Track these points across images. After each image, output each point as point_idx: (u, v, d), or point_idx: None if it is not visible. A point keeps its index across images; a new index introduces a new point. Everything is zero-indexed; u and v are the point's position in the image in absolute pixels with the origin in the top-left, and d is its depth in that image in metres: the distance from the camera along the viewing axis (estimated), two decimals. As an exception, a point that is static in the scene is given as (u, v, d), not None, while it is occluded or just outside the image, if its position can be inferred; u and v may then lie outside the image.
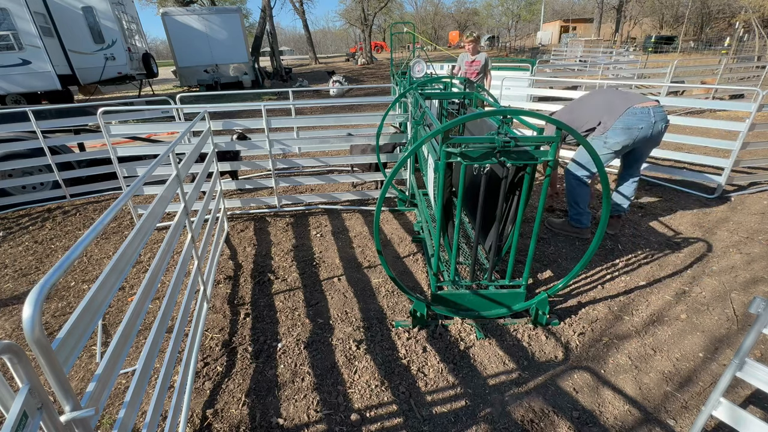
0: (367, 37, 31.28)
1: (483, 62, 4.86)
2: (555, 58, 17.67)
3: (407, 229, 3.48)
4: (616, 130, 2.73)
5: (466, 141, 1.80)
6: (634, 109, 2.70)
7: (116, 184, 4.46)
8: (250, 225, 3.65)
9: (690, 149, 5.11)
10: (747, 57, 14.93)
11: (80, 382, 2.00)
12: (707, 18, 33.63)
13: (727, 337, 2.16)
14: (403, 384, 1.92)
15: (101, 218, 1.13)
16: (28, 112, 3.82)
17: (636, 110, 2.70)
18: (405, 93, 3.53)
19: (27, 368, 0.79)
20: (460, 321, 2.30)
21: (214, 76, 15.38)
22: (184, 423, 1.66)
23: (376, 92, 12.17)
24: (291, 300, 2.58)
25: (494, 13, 51.87)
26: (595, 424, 1.70)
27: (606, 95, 2.96)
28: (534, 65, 7.15)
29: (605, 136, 2.77)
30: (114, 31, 11.46)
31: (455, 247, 2.12)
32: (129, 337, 1.22)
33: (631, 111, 2.70)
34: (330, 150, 5.77)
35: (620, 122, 2.71)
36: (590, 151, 1.84)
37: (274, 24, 20.20)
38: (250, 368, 2.04)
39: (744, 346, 1.21)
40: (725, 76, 9.01)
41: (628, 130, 2.70)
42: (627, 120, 2.70)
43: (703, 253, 2.95)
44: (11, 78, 9.57)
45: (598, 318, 2.33)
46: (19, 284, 2.88)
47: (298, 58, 40.05)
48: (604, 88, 3.30)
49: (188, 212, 2.06)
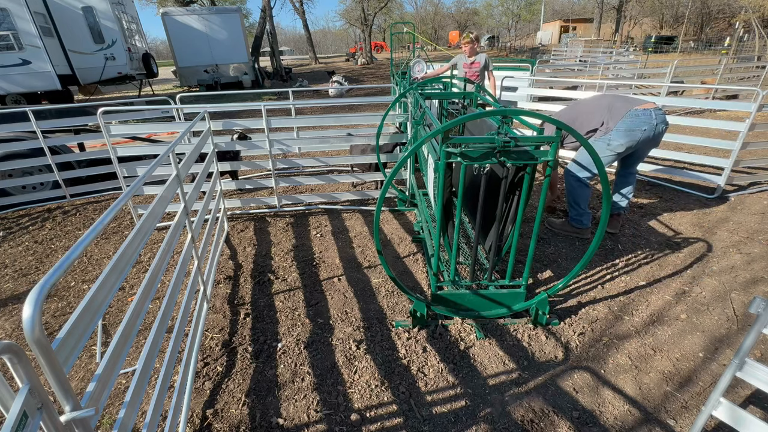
0: (367, 37, 31.29)
1: (483, 63, 4.76)
2: (555, 58, 17.66)
3: (407, 229, 3.48)
4: (619, 132, 2.73)
5: (466, 141, 1.80)
6: (636, 111, 2.70)
7: (116, 184, 4.46)
8: (250, 225, 3.65)
9: (690, 149, 5.12)
10: (747, 57, 14.93)
11: (80, 382, 2.00)
12: (707, 18, 33.64)
13: (727, 337, 2.16)
14: (403, 384, 1.92)
15: (101, 218, 1.13)
16: (28, 112, 3.82)
17: (638, 112, 2.70)
18: (405, 93, 3.53)
19: (27, 368, 0.79)
20: (460, 321, 2.30)
21: (214, 76, 15.39)
22: (184, 423, 1.66)
23: (376, 92, 12.18)
24: (291, 300, 2.58)
25: (494, 13, 51.88)
26: (595, 424, 1.70)
27: (606, 98, 2.97)
28: (534, 65, 7.15)
29: (609, 137, 2.77)
30: (114, 31, 11.47)
31: (455, 247, 2.12)
32: (129, 337, 1.22)
33: (633, 113, 2.70)
34: (330, 150, 5.77)
35: (623, 124, 2.71)
36: (591, 152, 1.84)
37: (274, 24, 20.20)
38: (250, 368, 2.04)
39: (744, 346, 1.21)
40: (725, 76, 9.01)
41: (631, 132, 2.70)
42: (630, 121, 2.70)
43: (703, 253, 2.95)
44: (11, 78, 9.57)
45: (598, 318, 2.33)
46: (19, 284, 2.88)
47: (298, 58, 40.07)
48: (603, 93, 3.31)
49: (188, 212, 2.06)
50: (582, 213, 3.08)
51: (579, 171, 2.92)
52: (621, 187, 3.13)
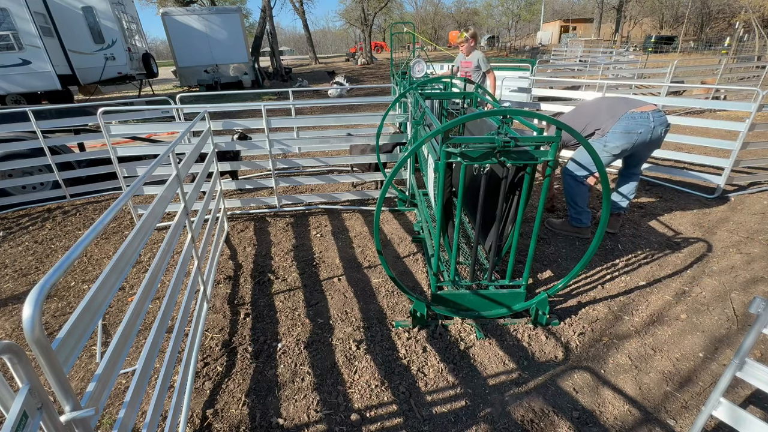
0: (367, 37, 31.28)
1: (475, 63, 4.61)
2: (555, 58, 17.65)
3: (407, 229, 3.48)
4: (615, 134, 2.73)
5: (466, 141, 1.80)
6: (633, 114, 2.70)
7: (116, 184, 4.46)
8: (250, 225, 3.65)
9: (690, 149, 5.11)
10: (747, 57, 14.94)
11: (80, 382, 2.00)
12: (707, 18, 33.64)
13: (727, 337, 2.16)
14: (403, 384, 1.92)
15: (101, 218, 1.13)
16: (28, 112, 3.82)
17: (635, 114, 2.70)
18: (405, 93, 3.53)
19: (27, 368, 0.79)
20: (460, 321, 2.30)
21: (214, 76, 15.38)
22: (184, 423, 1.66)
23: (376, 92, 12.18)
24: (291, 300, 2.58)
25: (494, 13, 51.93)
26: (595, 424, 1.70)
27: (606, 100, 2.97)
28: (534, 65, 7.15)
29: (605, 139, 2.78)
30: (114, 31, 11.46)
31: (455, 247, 2.12)
32: (129, 337, 1.22)
33: (630, 115, 2.70)
34: (330, 150, 5.77)
35: (619, 126, 2.72)
36: (590, 152, 1.84)
37: (274, 24, 20.20)
38: (250, 368, 2.04)
39: (744, 346, 1.21)
40: (725, 76, 9.01)
41: (627, 134, 2.70)
42: (626, 124, 2.70)
43: (703, 253, 2.95)
44: (11, 78, 9.57)
45: (598, 318, 2.33)
46: (19, 284, 2.88)
47: (298, 58, 40.05)
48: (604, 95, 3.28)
49: (188, 212, 2.06)
50: (581, 212, 3.08)
51: (577, 170, 2.92)
52: (622, 187, 3.13)
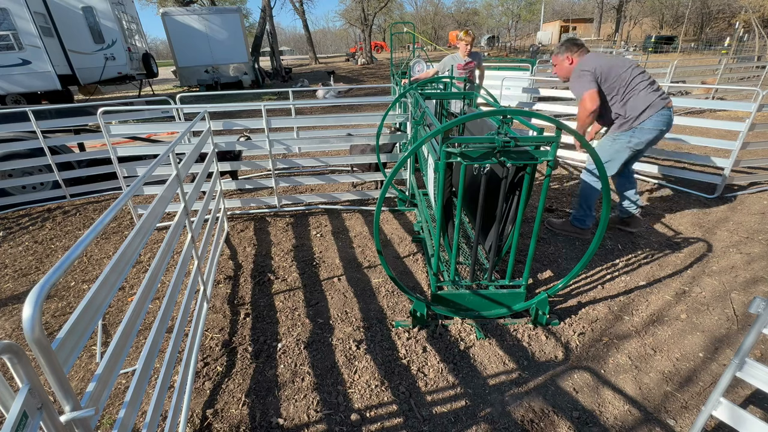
0: (367, 37, 31.27)
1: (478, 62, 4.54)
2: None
3: (407, 229, 3.48)
4: (644, 130, 2.61)
5: (466, 141, 1.80)
6: (667, 111, 2.60)
7: (116, 184, 4.45)
8: (250, 225, 3.65)
9: (690, 149, 5.12)
10: (747, 57, 14.94)
11: (80, 382, 2.00)
12: (707, 18, 33.65)
13: (727, 337, 2.16)
14: (403, 384, 1.92)
15: (101, 218, 1.13)
16: (28, 112, 3.81)
17: (668, 112, 2.60)
18: (405, 93, 3.53)
19: (27, 368, 0.79)
20: (460, 321, 2.30)
21: (214, 76, 15.39)
22: (184, 423, 1.66)
23: (376, 92, 12.18)
24: (291, 300, 2.58)
25: (494, 13, 51.91)
26: (595, 424, 1.70)
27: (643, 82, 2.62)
28: (534, 65, 7.15)
29: (632, 133, 2.64)
30: (114, 31, 11.46)
31: (455, 247, 2.12)
32: (129, 337, 1.22)
33: (664, 112, 2.59)
34: (330, 150, 5.77)
35: (651, 121, 2.57)
36: (594, 156, 1.84)
37: (274, 24, 20.21)
38: (250, 368, 2.04)
39: (744, 346, 1.21)
40: (725, 76, 9.01)
41: (656, 131, 2.61)
42: (657, 120, 2.58)
43: (703, 253, 2.95)
44: (11, 78, 9.56)
45: (598, 318, 2.33)
46: (19, 284, 2.88)
47: (298, 58, 40.07)
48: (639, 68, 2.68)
49: (188, 212, 2.06)
50: (588, 215, 3.07)
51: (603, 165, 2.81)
52: (628, 190, 3.06)
